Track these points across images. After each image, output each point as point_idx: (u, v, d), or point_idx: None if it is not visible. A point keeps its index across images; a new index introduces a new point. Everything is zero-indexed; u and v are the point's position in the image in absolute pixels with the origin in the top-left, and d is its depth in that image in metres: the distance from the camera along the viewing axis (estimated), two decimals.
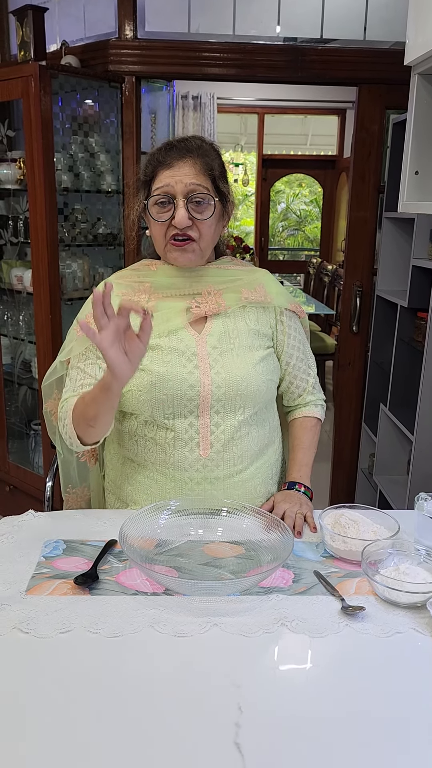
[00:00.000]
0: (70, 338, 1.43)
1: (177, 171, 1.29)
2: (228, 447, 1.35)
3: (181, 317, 1.35)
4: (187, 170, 1.29)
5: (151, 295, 1.37)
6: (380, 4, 2.68)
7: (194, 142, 1.33)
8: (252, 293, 1.40)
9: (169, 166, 1.30)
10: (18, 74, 2.44)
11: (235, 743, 0.79)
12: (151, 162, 1.33)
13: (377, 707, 0.86)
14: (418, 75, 1.51)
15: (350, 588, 1.12)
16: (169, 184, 1.29)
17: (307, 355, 1.52)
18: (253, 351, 1.38)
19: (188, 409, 1.33)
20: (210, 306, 1.36)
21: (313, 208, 8.46)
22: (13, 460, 3.12)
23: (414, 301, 2.46)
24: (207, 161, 1.31)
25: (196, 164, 1.30)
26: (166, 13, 2.72)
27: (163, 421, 1.33)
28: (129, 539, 1.14)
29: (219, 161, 1.35)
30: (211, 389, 1.32)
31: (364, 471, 3.14)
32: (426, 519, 1.24)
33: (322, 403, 1.57)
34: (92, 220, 2.90)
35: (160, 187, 1.30)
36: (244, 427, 1.37)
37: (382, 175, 2.82)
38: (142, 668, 0.92)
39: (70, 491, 1.59)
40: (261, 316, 1.42)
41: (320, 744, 0.80)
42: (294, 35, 2.73)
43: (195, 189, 1.28)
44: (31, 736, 0.80)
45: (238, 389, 1.33)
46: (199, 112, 4.91)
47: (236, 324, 1.38)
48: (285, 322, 1.45)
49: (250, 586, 1.09)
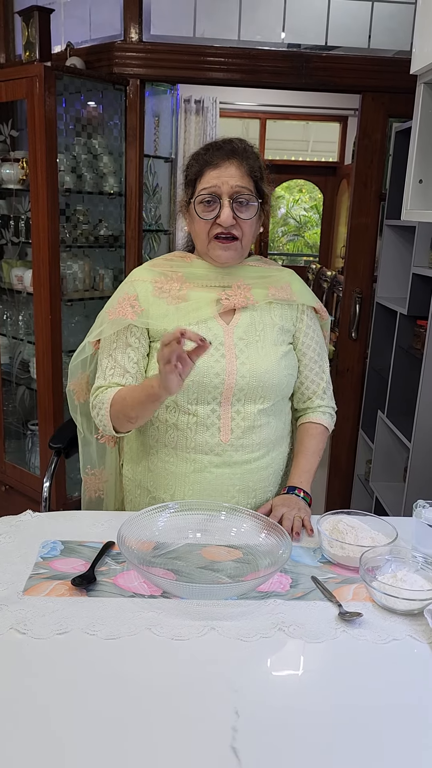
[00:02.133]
0: (100, 321, 1.45)
1: (223, 171, 1.33)
2: (247, 434, 1.39)
3: (211, 308, 1.39)
4: (233, 171, 1.33)
5: (183, 284, 1.42)
6: (385, 12, 2.70)
7: (239, 144, 1.38)
8: (278, 291, 1.45)
9: (216, 166, 1.34)
10: (23, 74, 2.44)
11: (232, 747, 0.79)
12: (198, 161, 1.37)
13: (373, 714, 0.86)
14: (424, 84, 1.51)
15: (347, 594, 1.12)
16: (216, 184, 1.33)
17: (322, 358, 1.54)
18: (277, 346, 1.42)
19: (212, 395, 1.36)
20: (239, 299, 1.40)
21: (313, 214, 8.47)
22: (10, 460, 3.11)
23: (414, 309, 2.47)
24: (250, 163, 1.36)
25: (242, 166, 1.34)
26: (172, 17, 2.72)
27: (186, 407, 1.37)
28: (127, 541, 1.14)
29: (259, 164, 1.39)
30: (235, 378, 1.36)
31: (361, 477, 3.14)
32: (424, 526, 1.24)
33: (332, 412, 1.58)
34: (94, 221, 2.90)
35: (206, 187, 1.34)
36: (263, 417, 1.41)
37: (383, 183, 2.83)
38: (139, 671, 0.92)
39: (89, 472, 1.60)
40: (285, 313, 1.46)
41: (317, 749, 0.80)
42: (298, 42, 2.74)
43: (240, 191, 1.33)
44: (27, 738, 0.80)
45: (261, 380, 1.37)
46: (201, 116, 4.92)
47: (263, 318, 1.43)
48: (305, 321, 1.49)
49: (248, 590, 1.09)
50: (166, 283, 1.42)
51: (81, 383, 1.54)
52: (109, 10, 2.76)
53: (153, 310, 1.39)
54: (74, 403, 1.55)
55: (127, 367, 1.39)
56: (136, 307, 1.39)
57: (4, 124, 2.87)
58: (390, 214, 2.79)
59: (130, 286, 1.43)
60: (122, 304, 1.40)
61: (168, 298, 1.40)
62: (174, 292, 1.40)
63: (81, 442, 1.58)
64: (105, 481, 1.61)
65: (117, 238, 2.94)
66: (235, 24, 2.70)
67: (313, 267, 6.91)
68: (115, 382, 1.39)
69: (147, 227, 3.24)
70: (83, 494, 1.62)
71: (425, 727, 0.85)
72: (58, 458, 1.76)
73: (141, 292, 1.41)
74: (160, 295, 1.40)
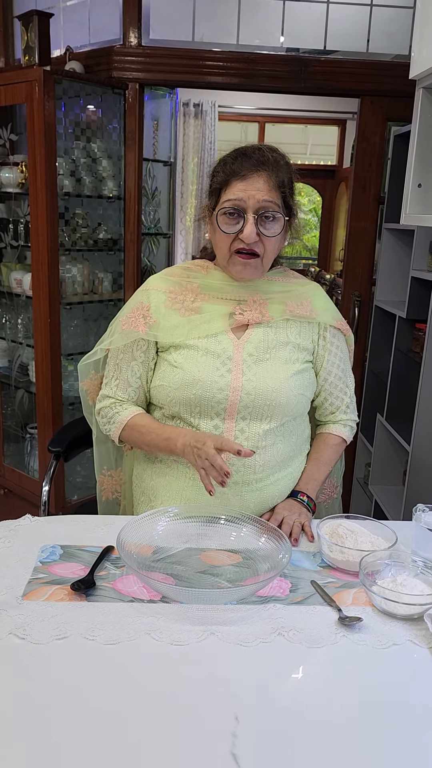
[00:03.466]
0: (113, 329, 1.45)
1: (250, 184, 1.27)
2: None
3: (224, 321, 1.36)
4: (261, 185, 1.27)
5: (198, 295, 1.39)
6: (383, 17, 2.71)
7: (269, 154, 1.30)
8: (297, 307, 1.39)
9: (243, 178, 1.27)
10: (22, 78, 2.45)
11: (232, 753, 0.79)
12: (225, 170, 1.30)
13: (373, 719, 0.86)
14: (423, 89, 1.52)
15: (347, 598, 1.12)
16: (242, 198, 1.27)
17: (347, 374, 1.50)
18: (290, 364, 1.37)
19: (215, 411, 1.34)
20: (253, 315, 1.36)
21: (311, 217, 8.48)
22: (9, 464, 3.11)
23: (412, 312, 2.47)
24: (280, 176, 1.29)
25: (270, 179, 1.28)
26: (171, 21, 2.73)
27: (189, 419, 1.35)
28: (126, 546, 1.14)
29: (289, 175, 1.33)
30: (240, 395, 1.32)
31: (360, 480, 3.14)
32: (424, 530, 1.24)
33: (353, 424, 1.55)
34: (93, 224, 2.90)
35: (231, 199, 1.28)
36: (270, 437, 1.36)
37: (382, 186, 2.84)
38: (138, 676, 0.92)
39: (105, 473, 1.59)
40: (304, 330, 1.41)
41: (317, 754, 0.80)
42: (297, 46, 2.74)
43: (266, 206, 1.27)
44: (27, 743, 0.80)
45: (267, 399, 1.33)
46: (200, 120, 4.93)
47: (277, 335, 1.38)
48: (328, 339, 1.44)
49: (247, 595, 1.09)
50: (180, 293, 1.39)
51: (94, 383, 1.53)
52: (109, 14, 2.77)
53: (164, 321, 1.37)
54: (88, 403, 1.54)
55: (130, 381, 1.41)
56: (148, 318, 1.38)
57: (4, 128, 2.87)
58: (389, 217, 2.80)
59: (145, 295, 1.41)
60: (135, 314, 1.39)
61: (181, 310, 1.37)
62: (188, 303, 1.37)
63: (95, 442, 1.56)
64: (123, 483, 1.60)
65: (116, 241, 2.94)
66: (234, 28, 2.71)
67: (312, 270, 6.91)
68: (120, 396, 1.42)
69: (146, 231, 3.24)
70: (99, 495, 1.60)
71: (426, 732, 0.84)
72: (57, 462, 1.76)
73: (154, 302, 1.39)
74: (173, 306, 1.38)
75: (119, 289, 2.96)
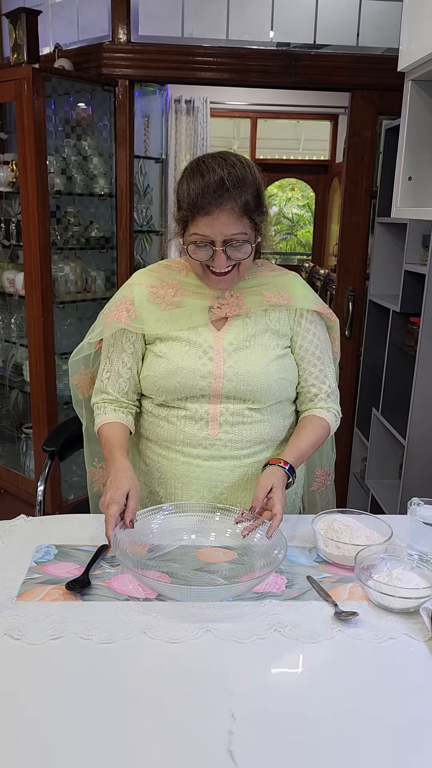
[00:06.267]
0: (99, 322, 1.50)
1: (215, 220, 1.25)
2: (236, 429, 1.39)
3: (203, 315, 1.40)
4: (225, 218, 1.25)
5: (178, 290, 1.43)
6: (373, 10, 2.70)
7: (231, 178, 1.24)
8: (275, 296, 1.42)
9: (207, 213, 1.25)
10: (11, 77, 2.43)
11: (228, 750, 0.78)
12: (188, 205, 1.27)
13: (370, 713, 0.86)
14: (412, 81, 1.51)
15: (343, 593, 1.12)
16: (207, 234, 1.27)
17: (324, 361, 1.48)
18: (269, 350, 1.40)
19: (201, 395, 1.38)
20: (231, 308, 1.40)
21: (305, 213, 8.48)
22: (4, 464, 3.10)
23: (406, 306, 2.47)
24: (245, 199, 1.26)
25: (234, 209, 1.25)
26: (160, 18, 2.72)
27: (177, 403, 1.40)
28: (121, 544, 1.14)
29: (254, 189, 1.29)
30: (222, 382, 1.36)
31: (356, 475, 3.14)
32: (419, 524, 1.24)
33: (336, 413, 1.50)
34: (85, 223, 2.89)
35: (197, 233, 1.28)
36: (256, 414, 1.40)
37: (374, 180, 2.83)
38: (134, 675, 0.92)
39: (97, 465, 1.62)
40: (282, 317, 1.44)
41: (314, 751, 0.80)
42: (287, 40, 2.73)
43: (233, 237, 1.27)
44: (22, 743, 0.79)
45: (249, 384, 1.37)
46: (191, 116, 4.91)
47: (256, 324, 1.41)
48: (303, 324, 1.45)
49: (243, 591, 1.09)
50: (161, 288, 1.43)
51: (85, 378, 1.58)
52: (97, 11, 2.75)
53: (147, 315, 1.41)
54: (78, 396, 1.59)
55: (120, 372, 1.45)
56: (131, 311, 1.42)
57: None
58: (381, 211, 2.79)
59: (129, 289, 1.46)
60: (119, 306, 1.44)
61: (162, 304, 1.41)
62: (168, 297, 1.41)
63: (85, 434, 1.60)
64: None
65: (108, 239, 2.93)
66: (224, 23, 2.70)
67: (306, 266, 6.91)
68: (110, 391, 1.46)
69: (138, 228, 3.23)
70: (90, 487, 1.63)
71: (423, 725, 0.84)
72: (52, 461, 1.75)
73: (137, 296, 1.43)
74: (155, 300, 1.42)
75: (112, 288, 2.95)
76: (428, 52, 1.37)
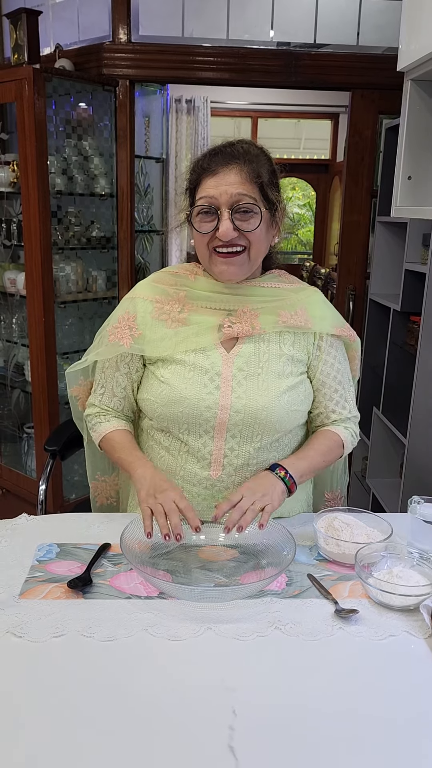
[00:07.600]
0: (100, 340, 1.41)
1: (222, 179, 1.21)
2: (240, 471, 1.31)
3: (212, 335, 1.29)
4: (233, 178, 1.21)
5: (185, 305, 1.32)
6: (373, 10, 2.70)
7: (241, 146, 1.24)
8: (291, 317, 1.32)
9: (213, 173, 1.22)
10: (12, 77, 2.44)
11: (229, 746, 0.79)
12: (195, 169, 1.26)
13: (371, 710, 0.86)
14: (411, 81, 1.52)
15: (344, 591, 1.12)
16: (213, 195, 1.21)
17: (344, 385, 1.40)
18: (282, 378, 1.30)
19: (204, 428, 1.29)
20: (243, 327, 1.29)
21: (306, 212, 8.48)
22: (6, 464, 3.11)
23: (407, 305, 2.48)
24: (254, 167, 1.22)
25: (242, 171, 1.21)
26: (160, 17, 2.72)
27: (178, 434, 1.31)
28: (127, 541, 1.14)
29: (268, 167, 1.27)
30: (228, 413, 1.27)
31: (357, 474, 3.15)
32: (419, 522, 1.24)
33: (353, 434, 1.43)
34: (86, 223, 2.90)
35: (203, 196, 1.22)
36: (262, 454, 1.31)
37: (375, 180, 2.84)
38: (135, 672, 0.92)
39: (99, 479, 1.55)
40: (298, 341, 1.34)
41: (314, 747, 0.80)
42: (287, 40, 2.74)
43: (240, 199, 1.21)
44: (24, 741, 0.80)
45: (257, 417, 1.27)
46: (192, 116, 4.92)
47: (269, 347, 1.31)
48: (323, 348, 1.36)
49: (253, 592, 1.08)
50: (167, 303, 1.33)
51: (84, 389, 1.49)
52: (98, 11, 2.76)
53: (150, 333, 1.32)
54: (78, 410, 1.51)
55: (115, 391, 1.39)
56: (134, 330, 1.33)
57: None
58: (382, 210, 2.80)
59: (132, 303, 1.37)
60: (121, 324, 1.34)
61: (168, 321, 1.32)
62: (174, 314, 1.31)
63: (87, 447, 1.52)
64: (119, 488, 1.57)
65: (109, 239, 2.93)
66: (224, 23, 2.70)
67: (307, 265, 6.91)
68: (106, 405, 1.41)
69: (139, 228, 3.23)
70: (93, 501, 1.57)
71: (424, 722, 0.85)
72: (54, 461, 1.75)
73: (140, 312, 1.34)
74: (160, 317, 1.32)
75: (113, 288, 2.96)
76: (428, 51, 1.38)
